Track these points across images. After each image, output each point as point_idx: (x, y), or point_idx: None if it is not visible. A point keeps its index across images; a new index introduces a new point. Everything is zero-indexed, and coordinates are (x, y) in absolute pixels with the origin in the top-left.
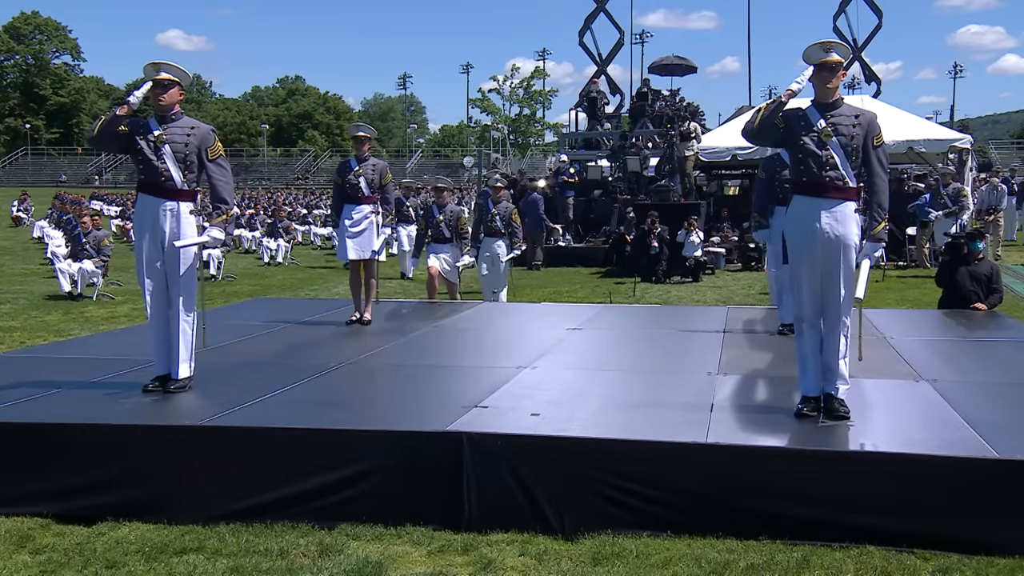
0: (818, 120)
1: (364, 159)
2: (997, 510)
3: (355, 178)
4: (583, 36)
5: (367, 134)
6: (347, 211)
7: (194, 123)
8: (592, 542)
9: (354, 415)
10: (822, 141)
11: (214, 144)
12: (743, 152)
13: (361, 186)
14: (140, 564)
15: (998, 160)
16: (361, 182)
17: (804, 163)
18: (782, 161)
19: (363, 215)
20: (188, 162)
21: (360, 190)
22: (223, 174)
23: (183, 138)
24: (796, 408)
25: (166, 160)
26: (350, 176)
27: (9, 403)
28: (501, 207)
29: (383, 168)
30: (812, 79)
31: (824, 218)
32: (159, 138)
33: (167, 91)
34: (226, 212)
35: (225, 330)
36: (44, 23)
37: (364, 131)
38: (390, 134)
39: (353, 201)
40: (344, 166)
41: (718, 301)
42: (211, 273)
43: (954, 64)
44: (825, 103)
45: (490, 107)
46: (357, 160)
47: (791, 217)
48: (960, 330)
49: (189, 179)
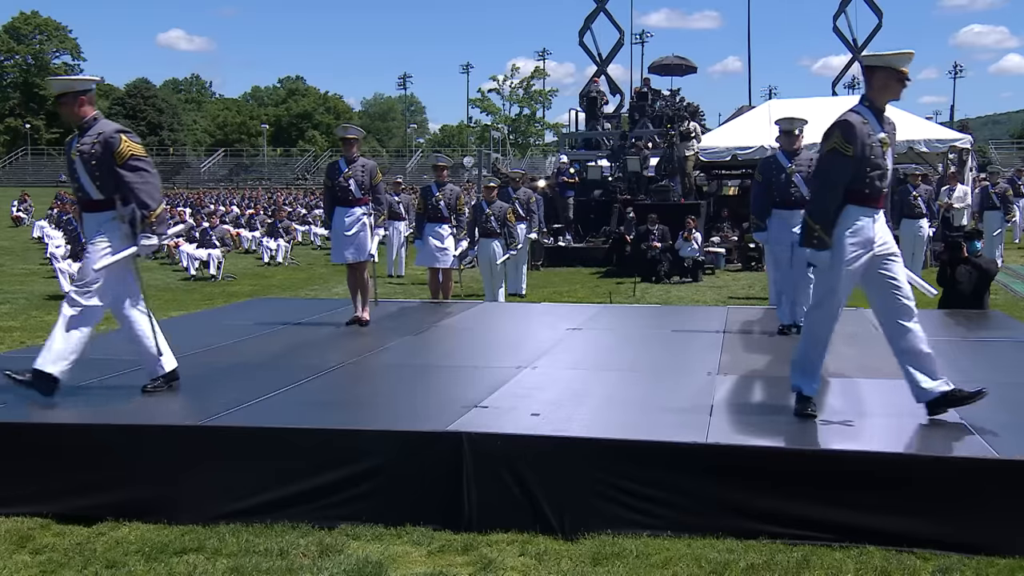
0: None
1: (353, 160)
2: (997, 510)
3: (345, 180)
4: (583, 36)
5: (355, 135)
6: (339, 214)
7: (103, 128)
8: (592, 542)
9: (354, 415)
10: None
11: (120, 147)
12: (743, 152)
13: (351, 188)
14: (140, 564)
15: (998, 160)
16: (351, 184)
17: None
18: (779, 165)
19: (355, 218)
20: (98, 171)
21: (351, 192)
22: (139, 176)
23: (89, 147)
24: (795, 408)
25: (78, 172)
26: (340, 179)
27: (9, 403)
28: (495, 207)
29: (372, 168)
30: None
31: None
32: (74, 151)
33: (65, 105)
34: (149, 215)
35: (225, 330)
36: (44, 23)
37: (353, 132)
38: (390, 134)
39: (344, 204)
40: (333, 168)
41: (718, 301)
42: (211, 273)
43: (954, 64)
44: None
45: (490, 107)
46: (346, 161)
47: None
48: (960, 330)
49: (103, 188)
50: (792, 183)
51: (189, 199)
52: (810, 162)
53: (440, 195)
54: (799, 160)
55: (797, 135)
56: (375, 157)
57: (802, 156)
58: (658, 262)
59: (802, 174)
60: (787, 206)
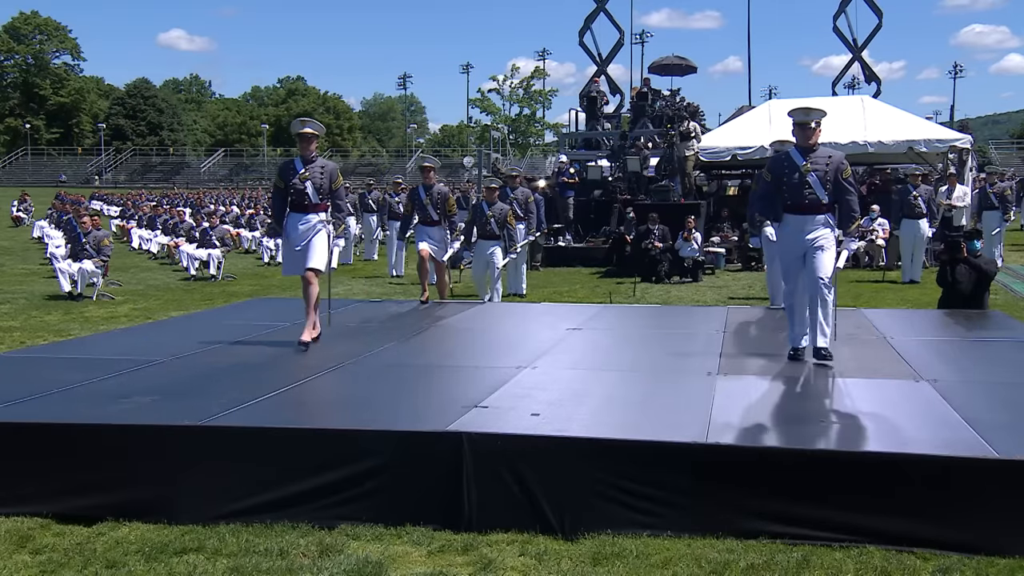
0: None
1: (311, 160)
2: (997, 510)
3: (301, 182)
4: (583, 36)
5: (314, 131)
6: (292, 221)
7: None
8: (592, 542)
9: (354, 415)
10: None
11: None
12: (743, 152)
13: (308, 191)
14: (140, 564)
15: (998, 160)
16: (308, 187)
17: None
18: (791, 162)
19: (310, 225)
20: None
21: (307, 196)
22: None
23: None
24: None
25: None
26: (295, 180)
27: (9, 403)
28: (496, 209)
29: (333, 171)
30: None
31: None
32: None
33: None
34: None
35: (225, 330)
36: (44, 23)
37: (311, 127)
38: (390, 134)
39: (299, 209)
40: (287, 168)
41: (718, 301)
42: (211, 273)
43: (954, 64)
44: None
45: (490, 107)
46: (303, 161)
47: None
48: (960, 330)
49: None
50: (807, 184)
51: (189, 199)
52: (828, 160)
53: (427, 199)
54: (815, 158)
55: (814, 128)
56: (375, 157)
57: (819, 153)
58: (658, 262)
59: (819, 174)
60: (800, 210)
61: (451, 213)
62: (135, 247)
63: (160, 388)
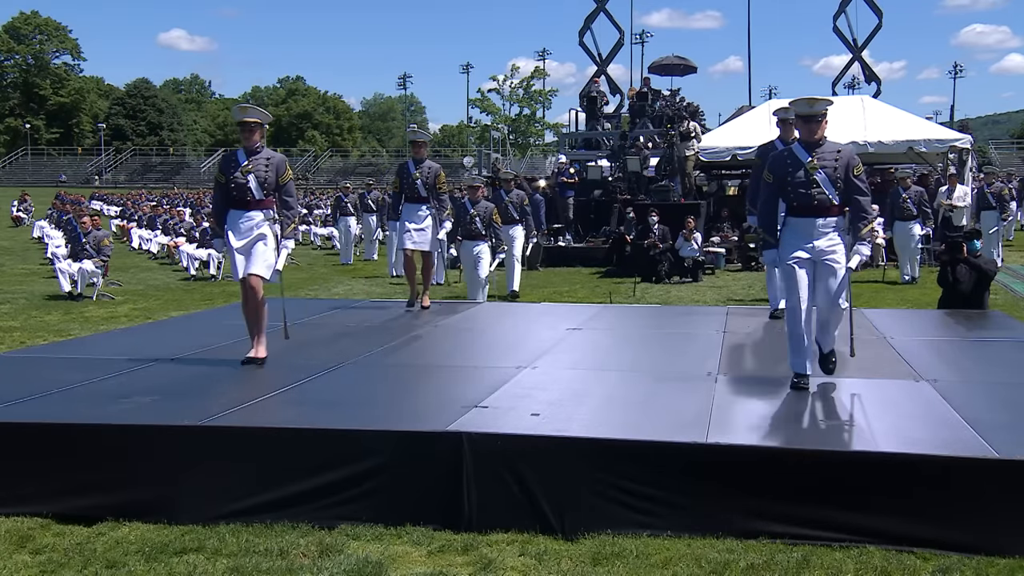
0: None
1: (255, 152)
2: (997, 510)
3: (243, 176)
4: (583, 36)
5: (258, 119)
6: (233, 219)
7: None
8: (592, 542)
9: (354, 415)
10: None
11: None
12: (743, 152)
13: (251, 187)
14: (140, 564)
15: (998, 160)
16: (251, 181)
17: None
18: (795, 159)
19: (252, 224)
20: None
21: (249, 191)
22: None
23: None
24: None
25: None
26: (236, 174)
27: (9, 403)
28: (480, 207)
29: (280, 163)
30: None
31: None
32: None
33: None
34: None
35: (225, 330)
36: (44, 23)
37: (253, 115)
38: (390, 134)
39: (240, 206)
40: (228, 161)
41: (718, 301)
42: (211, 273)
43: (954, 64)
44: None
45: (490, 107)
46: (246, 153)
47: None
48: (960, 330)
49: None
50: (814, 182)
51: (189, 199)
52: (836, 155)
53: (418, 173)
54: (822, 153)
55: (820, 121)
56: (375, 157)
57: (825, 148)
58: (658, 262)
59: (827, 171)
60: (807, 213)
61: (440, 191)
62: (135, 247)
63: (160, 388)
